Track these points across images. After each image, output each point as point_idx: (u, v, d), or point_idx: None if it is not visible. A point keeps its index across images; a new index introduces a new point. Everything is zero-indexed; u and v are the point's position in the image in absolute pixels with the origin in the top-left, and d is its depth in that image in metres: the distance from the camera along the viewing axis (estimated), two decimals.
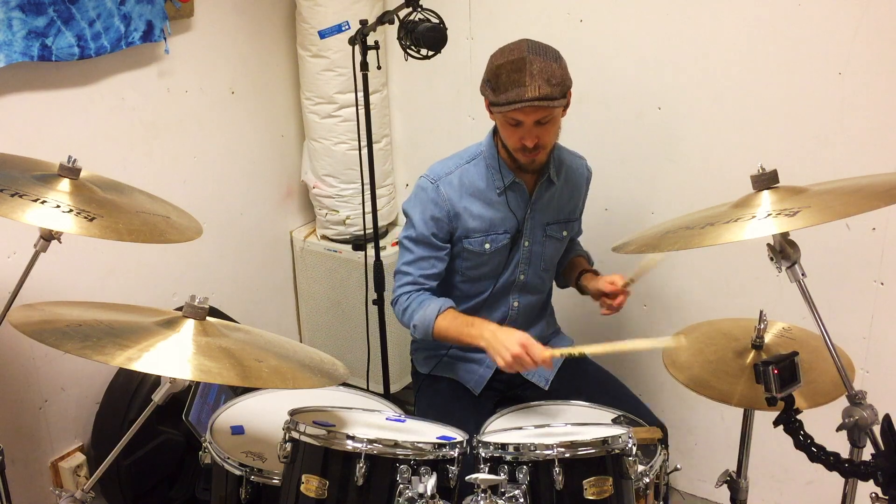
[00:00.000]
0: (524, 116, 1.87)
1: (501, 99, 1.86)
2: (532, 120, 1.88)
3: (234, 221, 2.87)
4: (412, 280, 2.07)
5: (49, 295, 2.20)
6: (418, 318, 2.03)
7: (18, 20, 2.07)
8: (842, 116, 2.17)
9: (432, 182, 2.05)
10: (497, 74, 1.87)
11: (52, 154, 1.80)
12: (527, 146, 1.91)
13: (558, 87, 1.85)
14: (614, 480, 1.57)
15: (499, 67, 1.87)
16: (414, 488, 1.51)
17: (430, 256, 2.06)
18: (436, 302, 2.03)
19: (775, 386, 1.45)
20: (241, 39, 2.74)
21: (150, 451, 2.39)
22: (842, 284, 2.27)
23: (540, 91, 1.82)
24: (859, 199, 1.46)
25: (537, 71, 1.83)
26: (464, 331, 1.98)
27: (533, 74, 1.82)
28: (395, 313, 2.12)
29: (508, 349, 1.85)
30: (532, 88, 1.82)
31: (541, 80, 1.82)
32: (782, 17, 2.18)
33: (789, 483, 2.54)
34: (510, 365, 1.85)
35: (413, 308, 2.05)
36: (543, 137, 1.92)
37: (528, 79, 1.82)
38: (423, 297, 2.05)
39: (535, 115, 1.87)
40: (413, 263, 2.07)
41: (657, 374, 2.64)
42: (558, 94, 1.85)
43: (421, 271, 2.06)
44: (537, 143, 1.91)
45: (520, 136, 1.91)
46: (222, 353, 1.47)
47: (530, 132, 1.90)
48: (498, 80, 1.87)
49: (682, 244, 1.61)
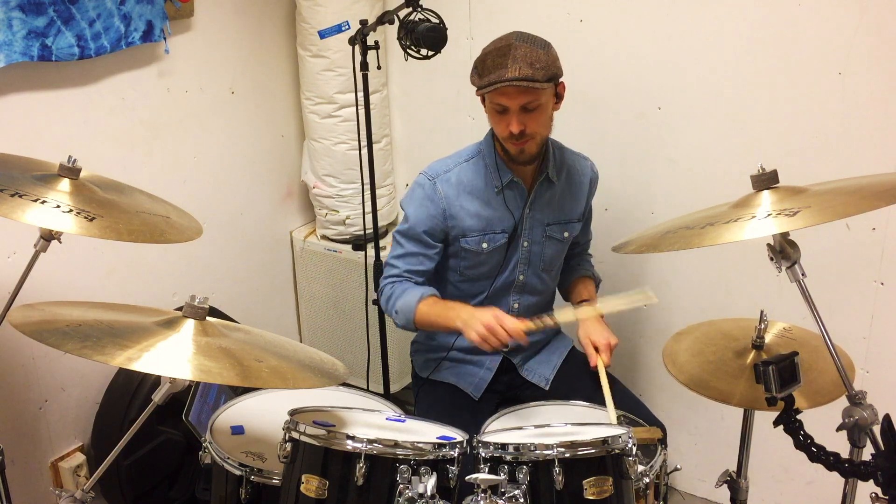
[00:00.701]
0: (508, 101, 1.88)
1: (484, 81, 1.88)
2: (517, 105, 1.89)
3: (234, 221, 2.87)
4: (398, 273, 2.09)
5: (49, 295, 2.20)
6: (400, 304, 2.04)
7: (18, 20, 2.07)
8: (842, 116, 2.17)
9: (430, 179, 2.06)
10: (483, 60, 1.91)
11: (52, 154, 1.80)
12: (512, 132, 1.91)
13: (542, 70, 1.86)
14: (614, 480, 1.57)
15: (486, 54, 1.91)
16: (414, 488, 1.51)
17: (419, 253, 2.07)
18: (418, 289, 2.05)
19: (775, 386, 1.45)
20: (241, 39, 2.74)
21: (150, 451, 2.38)
22: (842, 284, 2.27)
23: (521, 72, 1.83)
24: (859, 199, 1.46)
25: (521, 55, 1.85)
26: (442, 314, 1.99)
27: (516, 58, 1.85)
28: (381, 303, 2.14)
29: (480, 321, 1.85)
30: (513, 69, 1.84)
31: (523, 62, 1.84)
32: (782, 17, 2.18)
33: (789, 483, 2.54)
34: (484, 337, 1.84)
35: (396, 295, 2.06)
36: (530, 125, 1.92)
37: (511, 61, 1.84)
38: (407, 286, 2.07)
39: (519, 100, 1.88)
40: (401, 258, 2.09)
41: (657, 374, 2.64)
42: (541, 77, 1.86)
43: (408, 266, 2.08)
44: (523, 129, 1.91)
45: (506, 123, 1.92)
46: (222, 353, 1.47)
47: (516, 118, 1.90)
48: (483, 64, 1.90)
49: (682, 244, 1.61)
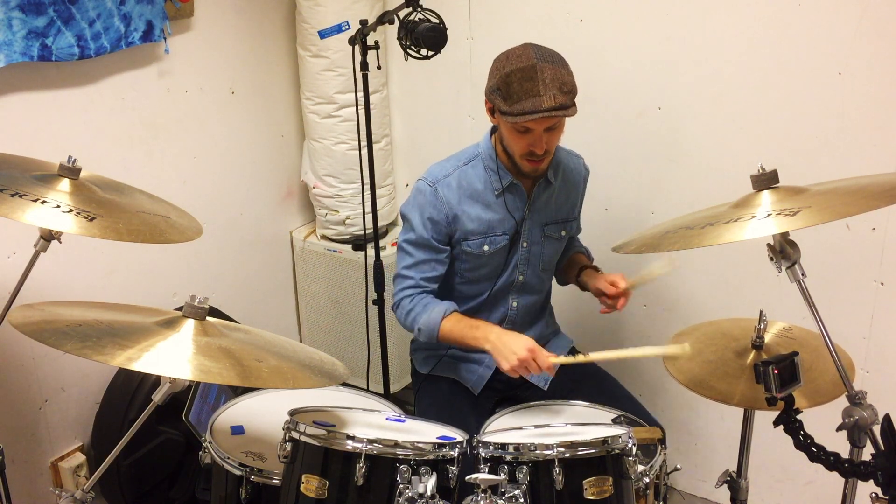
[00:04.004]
0: (536, 125, 1.86)
1: (516, 109, 1.83)
2: (543, 127, 1.87)
3: (234, 221, 2.87)
4: (414, 283, 2.06)
5: (49, 295, 2.20)
6: (423, 321, 2.02)
7: (18, 20, 2.07)
8: (842, 116, 2.17)
9: (430, 185, 2.05)
10: (508, 83, 1.84)
11: (52, 154, 1.80)
12: (536, 153, 1.91)
13: (570, 94, 1.84)
14: (614, 480, 1.57)
15: (509, 76, 1.84)
16: (414, 488, 1.51)
17: (431, 259, 2.06)
18: (440, 305, 2.03)
19: (775, 386, 1.45)
20: (241, 39, 2.74)
21: (150, 451, 2.38)
22: (842, 284, 2.27)
23: (556, 101, 1.81)
24: (859, 199, 1.46)
25: (550, 79, 1.81)
26: (468, 333, 1.97)
27: (546, 83, 1.80)
28: (398, 317, 2.11)
29: (515, 353, 1.84)
30: (547, 98, 1.80)
31: (554, 88, 1.81)
32: (782, 17, 2.18)
33: (789, 483, 2.54)
34: (515, 369, 1.85)
35: (417, 311, 2.04)
36: (551, 143, 1.92)
37: (542, 88, 1.80)
38: (427, 301, 2.04)
39: (547, 123, 1.87)
40: (413, 267, 2.06)
41: (657, 374, 2.64)
42: (571, 102, 1.85)
43: (422, 274, 2.06)
44: (546, 149, 1.91)
45: (528, 143, 1.90)
46: (222, 353, 1.47)
47: (540, 139, 1.89)
48: (509, 88, 1.83)
49: (682, 244, 1.61)
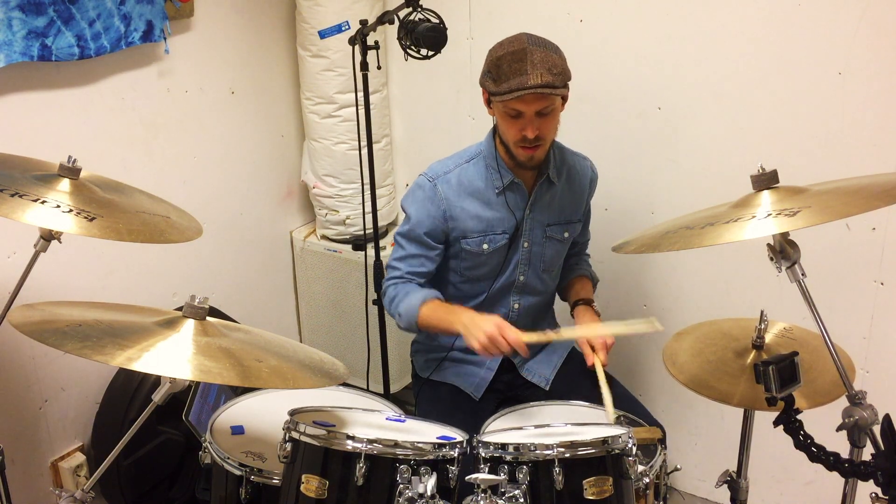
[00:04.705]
0: (525, 106, 1.88)
1: (503, 88, 1.86)
2: (533, 110, 1.88)
3: (234, 221, 2.87)
4: (400, 275, 2.09)
5: (49, 295, 2.19)
6: (403, 307, 2.04)
7: (18, 20, 2.07)
8: (842, 116, 2.17)
9: (430, 181, 2.06)
10: (498, 65, 1.88)
11: (52, 154, 1.80)
12: (527, 137, 1.91)
13: (560, 76, 1.87)
14: (614, 480, 1.57)
15: (499, 58, 1.89)
16: (414, 488, 1.51)
17: (420, 255, 2.07)
18: (421, 292, 2.05)
19: (775, 386, 1.45)
20: (241, 39, 2.74)
21: (150, 451, 2.38)
22: (842, 284, 2.27)
23: (542, 78, 1.83)
24: (859, 199, 1.46)
25: (539, 60, 1.84)
26: (444, 317, 1.99)
27: (535, 63, 1.84)
28: (384, 304, 2.14)
29: (482, 329, 1.85)
30: (534, 76, 1.83)
31: (542, 68, 1.84)
32: (782, 17, 2.18)
33: (789, 483, 2.54)
34: (485, 346, 1.84)
35: (399, 298, 2.06)
36: (544, 129, 1.92)
37: (530, 67, 1.83)
38: (410, 288, 2.07)
39: (537, 105, 1.88)
40: (403, 259, 2.09)
41: (657, 374, 2.64)
42: (559, 82, 1.86)
43: (410, 268, 2.08)
44: (538, 134, 1.91)
45: (520, 128, 1.91)
46: (222, 353, 1.47)
47: (531, 123, 1.90)
48: (499, 69, 1.88)
49: (682, 244, 1.61)
